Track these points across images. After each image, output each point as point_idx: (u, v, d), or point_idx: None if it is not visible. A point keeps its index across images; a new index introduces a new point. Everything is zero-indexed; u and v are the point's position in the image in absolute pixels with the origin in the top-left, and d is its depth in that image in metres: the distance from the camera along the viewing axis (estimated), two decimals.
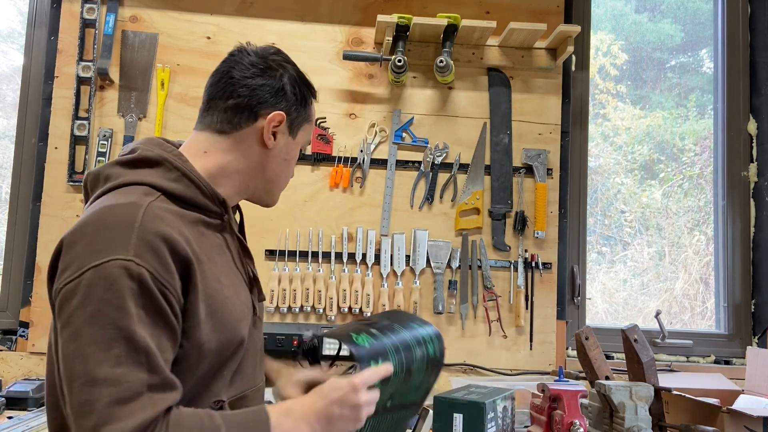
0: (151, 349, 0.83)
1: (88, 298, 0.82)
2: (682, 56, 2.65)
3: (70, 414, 0.81)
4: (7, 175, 2.21)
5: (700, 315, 2.48)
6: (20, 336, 2.07)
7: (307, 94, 1.13)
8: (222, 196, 1.04)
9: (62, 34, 2.17)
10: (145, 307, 0.84)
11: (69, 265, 0.85)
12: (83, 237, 0.87)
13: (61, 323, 0.84)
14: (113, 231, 0.86)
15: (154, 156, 0.99)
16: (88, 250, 0.85)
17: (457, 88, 2.27)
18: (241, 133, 1.07)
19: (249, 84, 1.07)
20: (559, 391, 1.51)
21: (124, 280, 0.83)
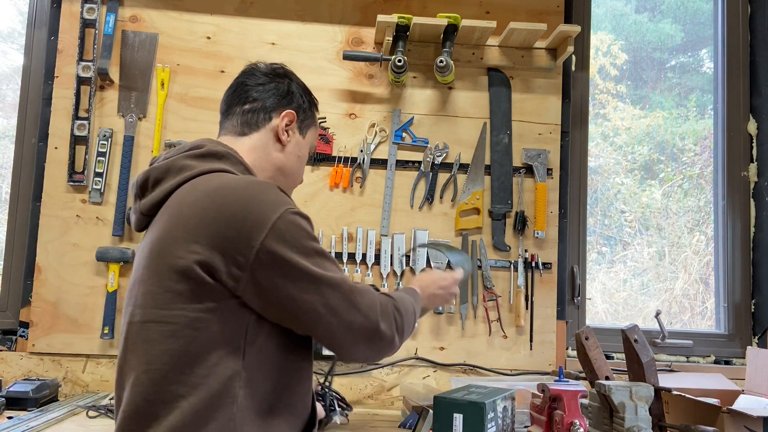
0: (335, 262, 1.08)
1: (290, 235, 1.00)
2: (682, 56, 2.65)
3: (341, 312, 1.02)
4: (7, 175, 2.21)
5: (700, 315, 2.48)
6: (20, 336, 2.07)
7: (311, 101, 1.31)
8: None
9: (62, 34, 2.17)
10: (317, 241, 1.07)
11: (253, 225, 0.98)
12: (247, 202, 1.00)
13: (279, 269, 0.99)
14: (273, 193, 1.03)
15: (221, 150, 1.13)
16: (261, 209, 1.00)
17: (457, 88, 2.27)
18: (259, 133, 1.21)
19: (261, 89, 1.23)
20: (559, 391, 1.51)
21: (302, 222, 1.04)
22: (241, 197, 0.99)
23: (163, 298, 0.98)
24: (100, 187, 2.10)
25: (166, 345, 0.97)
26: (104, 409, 1.77)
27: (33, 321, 2.05)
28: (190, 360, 0.97)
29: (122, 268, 2.07)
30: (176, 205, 1.03)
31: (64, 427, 1.62)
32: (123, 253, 2.05)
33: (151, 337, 0.98)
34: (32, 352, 2.05)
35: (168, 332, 0.98)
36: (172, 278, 0.97)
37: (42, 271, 2.07)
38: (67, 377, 2.05)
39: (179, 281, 0.97)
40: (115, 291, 2.06)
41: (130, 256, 2.06)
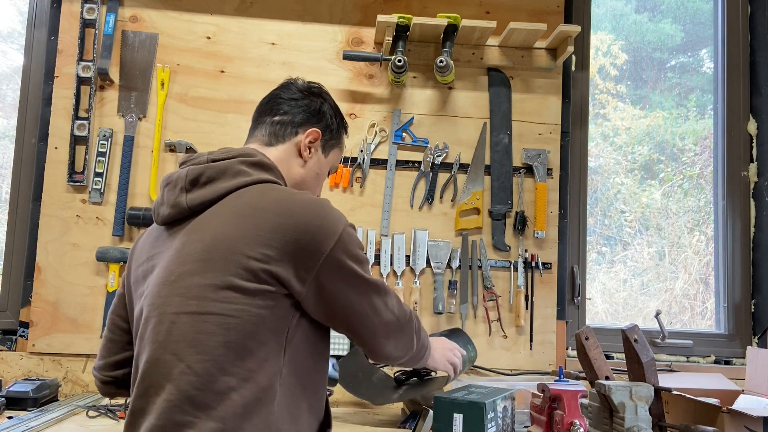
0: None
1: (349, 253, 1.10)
2: (682, 56, 2.65)
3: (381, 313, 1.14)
4: (7, 175, 2.21)
5: (700, 315, 2.48)
6: (20, 336, 2.07)
7: (341, 124, 1.35)
8: None
9: (62, 34, 2.17)
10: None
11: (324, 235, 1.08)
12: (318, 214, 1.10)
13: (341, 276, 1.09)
14: (330, 208, 1.13)
15: (269, 163, 1.19)
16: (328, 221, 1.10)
17: (457, 88, 2.27)
18: (285, 146, 1.25)
19: (293, 104, 1.28)
20: (559, 391, 1.51)
21: (354, 232, 1.14)
22: (313, 210, 1.09)
23: (225, 292, 1.03)
24: (100, 187, 2.10)
25: (226, 337, 1.02)
26: (104, 409, 1.77)
27: (33, 321, 2.06)
28: (245, 353, 1.02)
29: (122, 268, 2.07)
30: (245, 206, 1.08)
31: (64, 427, 1.62)
32: (123, 253, 2.05)
33: (209, 329, 1.02)
34: (32, 352, 2.05)
35: (228, 325, 1.02)
36: (240, 275, 1.03)
37: (42, 271, 2.07)
38: (67, 377, 2.05)
39: (247, 279, 1.03)
40: (115, 291, 2.06)
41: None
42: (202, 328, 1.02)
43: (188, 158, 1.20)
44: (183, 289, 1.05)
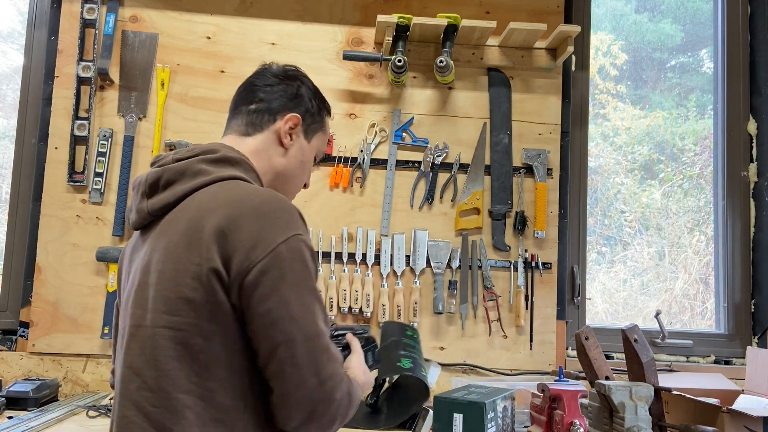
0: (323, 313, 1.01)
1: (287, 269, 0.96)
2: (682, 56, 2.65)
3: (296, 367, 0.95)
4: (7, 175, 2.21)
5: (700, 315, 2.48)
6: (20, 336, 2.07)
7: (322, 106, 1.27)
8: None
9: (62, 34, 2.17)
10: (314, 277, 1.01)
11: (257, 242, 0.96)
12: (259, 218, 0.98)
13: (263, 293, 0.95)
14: (283, 212, 1.00)
15: (235, 156, 1.11)
16: (271, 229, 0.98)
17: (457, 88, 2.27)
18: (263, 135, 1.18)
19: (269, 90, 1.20)
20: (559, 391, 1.51)
21: (306, 251, 0.99)
22: (256, 212, 0.98)
23: (176, 304, 0.96)
24: (100, 187, 2.10)
25: (178, 352, 0.96)
26: (104, 408, 1.77)
27: (33, 321, 2.05)
28: (201, 370, 0.96)
29: None
30: (195, 210, 1.01)
31: (64, 427, 1.62)
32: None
33: (162, 344, 0.96)
34: (32, 352, 2.05)
35: (179, 339, 0.96)
36: (187, 285, 0.96)
37: (42, 271, 2.07)
38: (67, 377, 2.05)
39: (194, 288, 0.96)
40: (116, 291, 2.06)
41: None
42: (157, 343, 0.97)
43: (156, 159, 1.14)
44: (143, 301, 1.00)
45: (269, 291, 0.94)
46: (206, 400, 0.95)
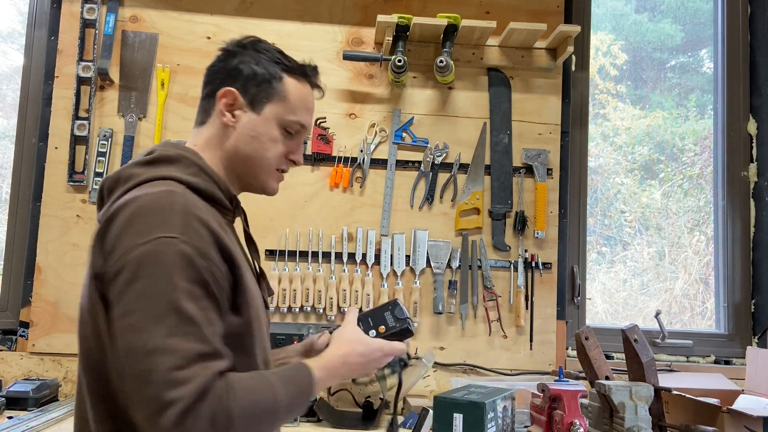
0: (198, 320, 0.86)
1: (138, 274, 0.86)
2: (682, 56, 2.65)
3: (131, 386, 0.83)
4: (7, 175, 2.21)
5: (700, 315, 2.48)
6: (20, 336, 2.07)
7: (274, 71, 1.12)
8: (233, 191, 1.10)
9: (62, 34, 2.17)
10: (191, 280, 0.87)
11: (114, 247, 0.89)
12: (126, 221, 0.90)
13: (113, 301, 0.88)
14: (156, 213, 0.90)
15: (172, 154, 1.04)
16: (133, 231, 0.89)
17: (457, 88, 2.27)
18: (212, 120, 1.11)
19: (211, 71, 1.16)
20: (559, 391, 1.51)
21: (171, 255, 0.86)
22: (128, 214, 0.91)
23: (80, 314, 0.96)
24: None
25: (85, 363, 0.94)
26: None
27: (33, 321, 2.05)
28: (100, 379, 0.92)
29: None
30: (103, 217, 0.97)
31: (64, 427, 1.62)
32: None
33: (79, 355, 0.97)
34: (32, 352, 2.05)
35: (85, 351, 0.94)
36: (83, 293, 0.95)
37: (42, 271, 2.07)
38: (67, 377, 2.05)
39: (84, 296, 0.95)
40: None
41: None
42: (79, 355, 0.97)
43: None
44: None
45: (117, 297, 0.87)
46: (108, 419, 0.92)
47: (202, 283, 0.88)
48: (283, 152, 1.11)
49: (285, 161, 1.13)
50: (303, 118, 1.13)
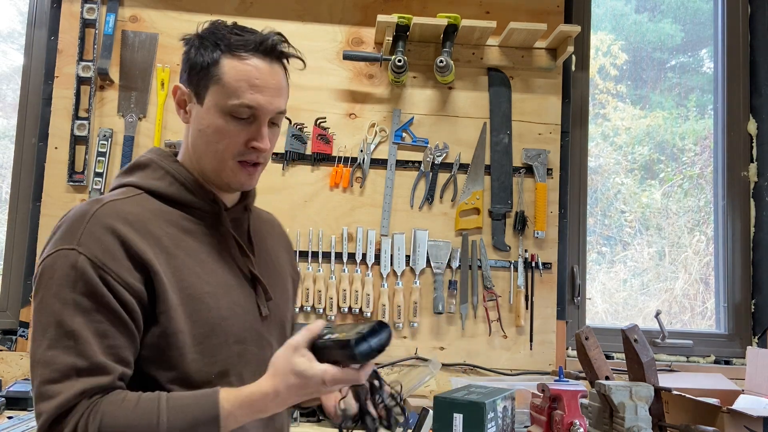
0: (81, 334, 0.86)
1: (38, 287, 0.90)
2: (682, 56, 2.65)
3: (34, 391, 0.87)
4: (7, 175, 2.21)
5: (700, 315, 2.48)
6: (20, 336, 2.07)
7: (211, 56, 1.02)
8: (214, 192, 1.05)
9: (62, 34, 2.17)
10: (82, 293, 0.87)
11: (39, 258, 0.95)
12: (51, 234, 0.95)
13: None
14: (69, 225, 0.92)
15: (144, 160, 1.05)
16: (49, 244, 0.93)
17: (457, 88, 2.27)
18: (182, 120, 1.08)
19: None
20: (559, 391, 1.51)
21: (64, 267, 0.88)
22: (55, 227, 0.96)
23: None
24: (100, 187, 2.10)
25: None
26: None
27: None
28: None
29: None
30: None
31: None
32: None
33: None
34: None
35: None
36: None
37: None
38: None
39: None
40: None
41: None
42: None
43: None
44: None
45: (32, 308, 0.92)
46: None
47: (93, 295, 0.87)
48: (240, 141, 1.01)
49: (246, 150, 1.02)
50: (247, 97, 0.99)
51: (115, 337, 0.88)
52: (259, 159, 1.04)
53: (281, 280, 1.17)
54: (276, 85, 1.02)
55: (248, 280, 1.07)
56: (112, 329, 0.88)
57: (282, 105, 1.04)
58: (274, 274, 1.15)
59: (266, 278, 1.09)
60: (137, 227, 0.94)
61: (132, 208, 0.97)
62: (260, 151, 1.02)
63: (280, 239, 1.25)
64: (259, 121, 1.02)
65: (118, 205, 0.96)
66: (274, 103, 1.02)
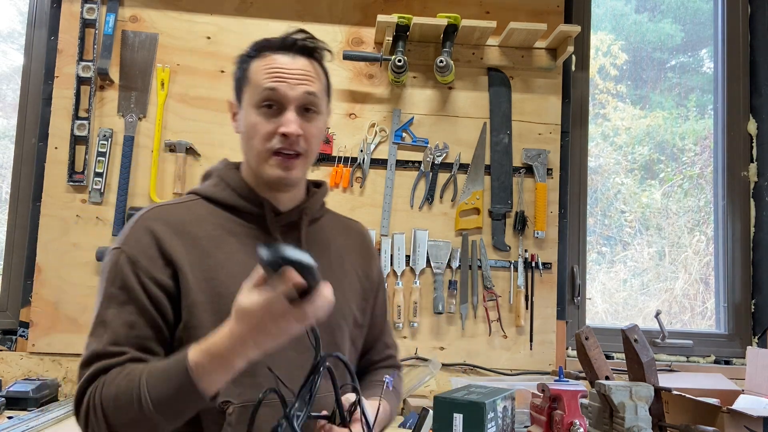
0: (111, 324, 0.97)
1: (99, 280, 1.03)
2: (682, 56, 2.65)
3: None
4: (7, 175, 2.21)
5: (700, 315, 2.48)
6: (20, 336, 2.07)
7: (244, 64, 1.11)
8: (262, 196, 1.09)
9: (62, 34, 2.17)
10: (119, 287, 0.98)
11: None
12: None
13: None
14: (124, 227, 1.05)
15: (208, 170, 1.16)
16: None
17: (457, 88, 2.27)
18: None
19: None
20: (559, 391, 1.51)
21: (110, 264, 1.00)
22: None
23: None
24: (100, 187, 2.10)
25: None
26: None
27: (33, 321, 2.05)
28: None
29: None
30: None
31: (64, 427, 1.62)
32: None
33: None
34: (32, 352, 2.05)
35: None
36: None
37: (42, 271, 2.07)
38: (67, 377, 2.05)
39: None
40: None
41: None
42: None
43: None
44: None
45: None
46: None
47: (126, 290, 0.97)
48: (269, 130, 1.05)
49: (275, 138, 1.05)
50: (267, 84, 1.04)
51: (141, 328, 0.96)
52: (294, 148, 1.05)
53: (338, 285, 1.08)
54: (298, 72, 1.06)
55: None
56: (141, 320, 0.96)
57: (308, 88, 1.06)
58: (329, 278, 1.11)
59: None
60: (175, 228, 1.03)
61: (177, 211, 1.05)
62: (289, 136, 1.03)
63: (353, 245, 1.24)
64: (282, 108, 1.05)
65: (164, 209, 1.06)
66: (297, 88, 1.05)
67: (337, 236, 1.23)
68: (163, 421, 0.89)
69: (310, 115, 1.08)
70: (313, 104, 1.07)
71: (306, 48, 1.09)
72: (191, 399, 0.87)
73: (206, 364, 0.86)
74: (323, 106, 1.11)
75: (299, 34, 1.09)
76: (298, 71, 1.06)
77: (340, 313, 1.16)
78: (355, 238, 1.27)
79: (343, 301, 1.17)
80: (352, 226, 1.30)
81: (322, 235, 1.18)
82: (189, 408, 0.90)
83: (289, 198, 1.12)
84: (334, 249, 1.20)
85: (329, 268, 1.16)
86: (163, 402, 0.87)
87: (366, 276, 1.24)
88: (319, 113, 1.09)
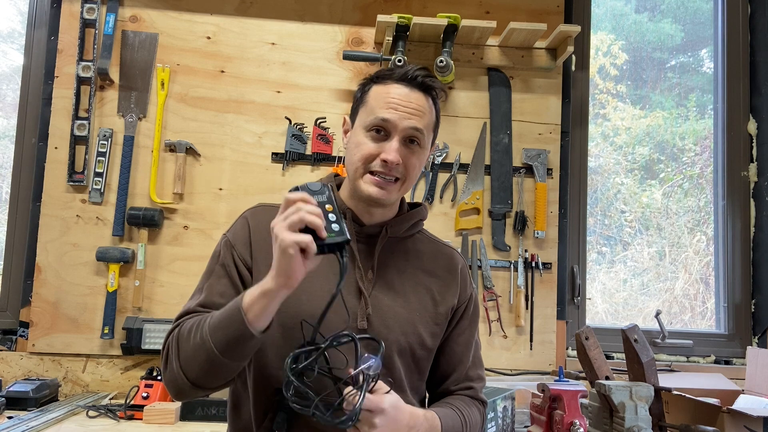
0: (203, 289, 1.14)
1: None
2: (682, 56, 2.65)
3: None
4: (7, 175, 2.21)
5: (700, 315, 2.48)
6: (20, 336, 2.06)
7: (365, 86, 1.21)
8: (345, 208, 1.19)
9: (62, 34, 2.17)
10: (219, 264, 1.16)
11: None
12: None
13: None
14: (235, 219, 1.23)
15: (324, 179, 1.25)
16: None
17: (457, 88, 2.27)
18: None
19: None
20: (559, 391, 1.51)
21: (218, 246, 1.19)
22: None
23: None
24: (100, 187, 2.10)
25: None
26: (104, 409, 1.77)
27: (33, 321, 2.05)
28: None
29: (122, 268, 2.07)
30: None
31: (64, 427, 1.62)
32: (123, 253, 2.05)
33: None
34: (32, 352, 2.05)
35: None
36: None
37: (42, 271, 2.07)
38: (67, 377, 2.05)
39: None
40: (115, 291, 2.06)
41: (130, 256, 2.06)
42: None
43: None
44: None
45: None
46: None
47: (224, 266, 1.15)
48: (371, 153, 1.14)
49: (375, 161, 1.13)
50: (381, 113, 1.13)
51: (229, 298, 1.07)
52: (393, 173, 1.14)
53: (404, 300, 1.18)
54: (413, 107, 1.15)
55: (356, 291, 1.14)
56: (231, 291, 1.12)
57: (417, 124, 1.14)
58: (398, 295, 1.18)
59: (380, 296, 1.15)
60: (262, 227, 1.15)
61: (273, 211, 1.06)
62: (388, 163, 1.12)
63: (436, 269, 1.25)
64: (391, 136, 1.14)
65: (265, 208, 1.21)
66: (407, 121, 1.13)
67: (422, 257, 1.25)
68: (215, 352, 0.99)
69: (413, 147, 1.16)
70: (417, 138, 1.16)
71: (425, 85, 1.18)
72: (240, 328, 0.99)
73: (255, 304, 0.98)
74: (427, 141, 1.19)
75: (421, 71, 1.18)
76: (412, 105, 1.15)
77: (402, 330, 1.16)
78: (442, 263, 1.28)
79: (402, 314, 1.17)
80: (443, 251, 1.31)
81: (403, 253, 1.22)
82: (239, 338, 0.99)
83: (380, 214, 1.19)
84: (412, 268, 1.22)
85: (400, 286, 1.18)
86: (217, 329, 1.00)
87: (443, 301, 1.23)
88: (422, 147, 1.18)
